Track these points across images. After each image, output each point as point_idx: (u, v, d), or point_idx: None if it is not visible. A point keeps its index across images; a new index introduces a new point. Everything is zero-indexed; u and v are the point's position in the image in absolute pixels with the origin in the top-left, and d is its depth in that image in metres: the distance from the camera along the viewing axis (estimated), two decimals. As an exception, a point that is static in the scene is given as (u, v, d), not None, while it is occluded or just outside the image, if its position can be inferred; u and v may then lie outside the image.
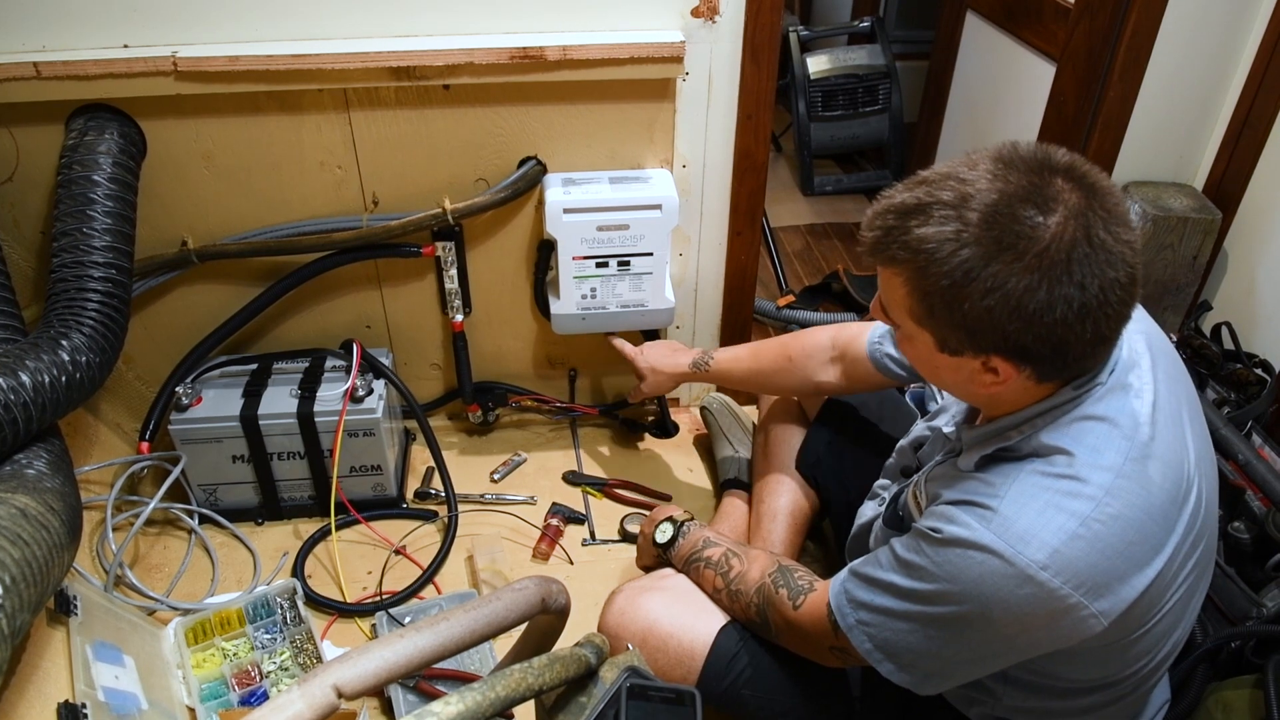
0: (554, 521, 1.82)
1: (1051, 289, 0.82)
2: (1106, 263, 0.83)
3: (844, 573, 1.06)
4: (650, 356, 1.76)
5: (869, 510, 1.28)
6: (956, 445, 1.07)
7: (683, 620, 1.22)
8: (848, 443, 1.54)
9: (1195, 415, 1.02)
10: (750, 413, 2.00)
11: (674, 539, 1.34)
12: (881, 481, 1.31)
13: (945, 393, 1.23)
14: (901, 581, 0.97)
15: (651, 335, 1.98)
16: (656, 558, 1.38)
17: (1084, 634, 0.90)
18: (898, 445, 1.28)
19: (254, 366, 1.79)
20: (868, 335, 1.42)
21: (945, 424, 1.14)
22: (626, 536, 1.82)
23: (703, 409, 2.04)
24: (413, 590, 1.67)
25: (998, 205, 0.83)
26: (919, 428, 1.24)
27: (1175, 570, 0.94)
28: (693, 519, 1.37)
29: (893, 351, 1.39)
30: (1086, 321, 0.84)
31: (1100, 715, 1.06)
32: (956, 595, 0.91)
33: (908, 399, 1.31)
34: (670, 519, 1.37)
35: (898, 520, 1.15)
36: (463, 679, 1.47)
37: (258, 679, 1.47)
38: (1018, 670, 1.03)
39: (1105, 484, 0.88)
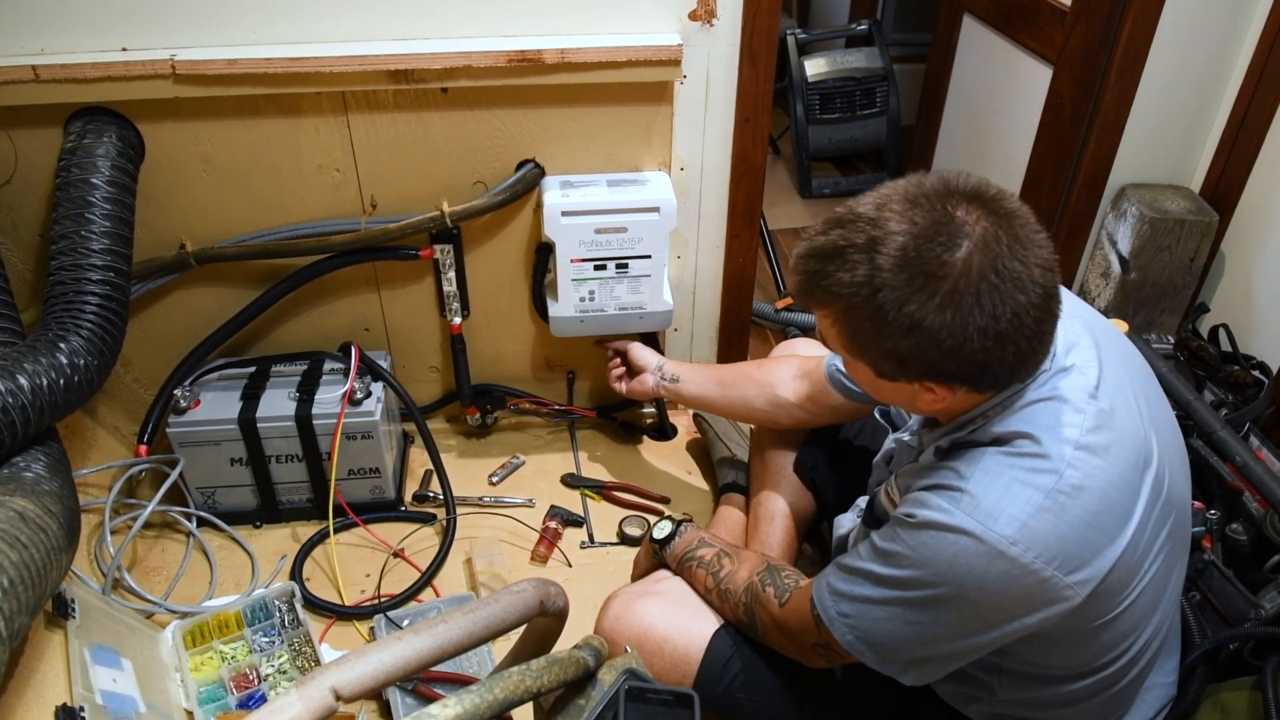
0: (552, 524, 1.82)
1: (965, 322, 0.86)
2: (1016, 288, 0.85)
3: (827, 568, 1.08)
4: (646, 357, 1.77)
5: (847, 521, 1.29)
6: (918, 449, 1.10)
7: (678, 624, 1.22)
8: (848, 447, 1.55)
9: (1150, 389, 1.04)
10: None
11: (671, 536, 1.35)
12: (861, 499, 1.32)
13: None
14: (880, 569, 0.99)
15: (650, 339, 1.98)
16: (651, 555, 1.39)
17: (1062, 609, 0.92)
18: (874, 461, 1.29)
19: (252, 369, 1.78)
20: (826, 357, 1.46)
21: (906, 434, 1.17)
22: (625, 539, 1.82)
23: (696, 415, 2.05)
24: (411, 593, 1.67)
25: (906, 247, 0.86)
26: (888, 443, 1.25)
27: (1147, 542, 0.96)
28: (691, 520, 1.38)
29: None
30: (1006, 345, 0.87)
31: (1091, 705, 1.07)
32: (933, 578, 0.93)
33: (876, 414, 1.33)
34: (670, 517, 1.38)
35: (876, 522, 1.16)
36: (461, 681, 1.47)
37: (256, 682, 1.47)
38: (1010, 661, 1.04)
39: (1065, 456, 0.91)
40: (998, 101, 2.62)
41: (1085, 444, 0.92)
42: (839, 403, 1.44)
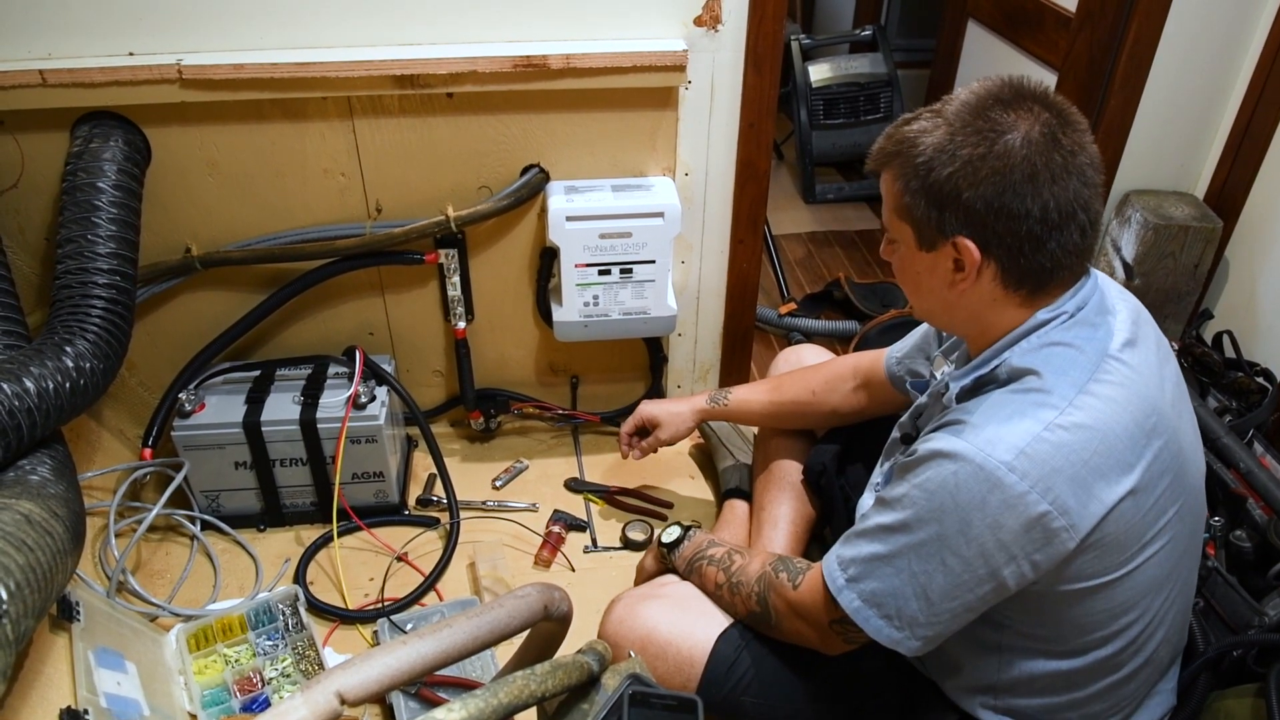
0: (556, 529, 1.82)
1: (1003, 159, 0.93)
2: (1061, 158, 0.94)
3: (836, 543, 1.09)
4: (659, 402, 1.74)
5: (869, 501, 1.29)
6: (944, 390, 1.11)
7: (681, 627, 1.22)
8: (855, 453, 1.54)
9: (1178, 384, 1.06)
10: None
11: (680, 540, 1.35)
12: (878, 470, 1.31)
13: (936, 369, 1.25)
14: (885, 519, 1.01)
15: (654, 343, 1.98)
16: (659, 559, 1.39)
17: (1058, 551, 0.94)
18: (898, 422, 1.29)
19: (257, 373, 1.79)
20: (885, 354, 1.47)
21: (940, 379, 1.18)
22: (628, 544, 1.82)
23: (699, 420, 2.05)
24: (414, 597, 1.67)
25: (969, 102, 0.97)
26: (919, 400, 1.26)
27: (1151, 510, 0.97)
28: (699, 526, 1.39)
29: (909, 364, 1.42)
30: (1035, 199, 0.93)
31: (1094, 694, 1.07)
32: (935, 512, 0.96)
33: (908, 388, 1.33)
34: (678, 523, 1.38)
35: None
36: (465, 686, 1.47)
37: (259, 685, 1.47)
38: (1008, 636, 1.05)
39: (1069, 396, 0.94)
40: (1002, 107, 2.61)
41: (1091, 390, 0.95)
42: (898, 401, 1.46)
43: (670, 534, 1.38)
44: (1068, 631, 1.03)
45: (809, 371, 1.61)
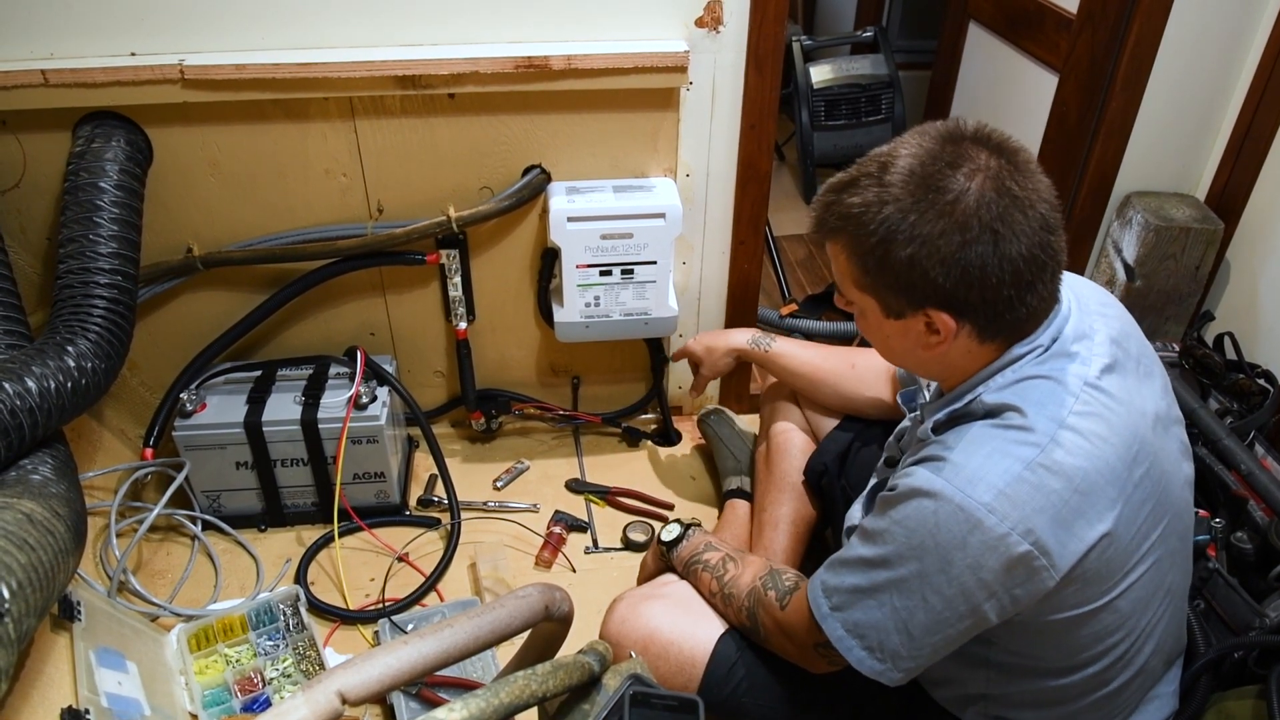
0: (557, 529, 1.82)
1: (964, 231, 0.90)
2: (1017, 207, 0.90)
3: (821, 566, 1.09)
4: (703, 337, 1.78)
5: (857, 513, 1.29)
6: (921, 419, 1.11)
7: (683, 628, 1.22)
8: (855, 455, 1.54)
9: (1162, 399, 1.05)
10: (749, 421, 2.00)
11: (679, 539, 1.36)
12: (873, 480, 1.32)
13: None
14: (866, 552, 1.00)
15: (655, 344, 1.98)
16: (659, 558, 1.39)
17: (1038, 588, 0.93)
18: (886, 443, 1.29)
19: (258, 373, 1.79)
20: None
21: (918, 410, 1.18)
22: (629, 545, 1.82)
23: (700, 421, 2.05)
24: (415, 597, 1.67)
25: (914, 170, 0.92)
26: (904, 423, 1.26)
27: (1133, 539, 0.97)
28: (699, 524, 1.39)
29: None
30: (1005, 264, 0.91)
31: (1085, 705, 1.07)
32: (916, 549, 0.95)
33: (898, 401, 1.34)
34: (679, 520, 1.39)
35: None
36: (466, 686, 1.47)
37: (260, 685, 1.47)
38: (996, 653, 1.05)
39: (1050, 433, 0.93)
40: (1003, 109, 2.62)
41: (1072, 425, 0.93)
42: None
43: (670, 532, 1.38)
44: (1053, 653, 1.03)
45: (853, 350, 1.61)
